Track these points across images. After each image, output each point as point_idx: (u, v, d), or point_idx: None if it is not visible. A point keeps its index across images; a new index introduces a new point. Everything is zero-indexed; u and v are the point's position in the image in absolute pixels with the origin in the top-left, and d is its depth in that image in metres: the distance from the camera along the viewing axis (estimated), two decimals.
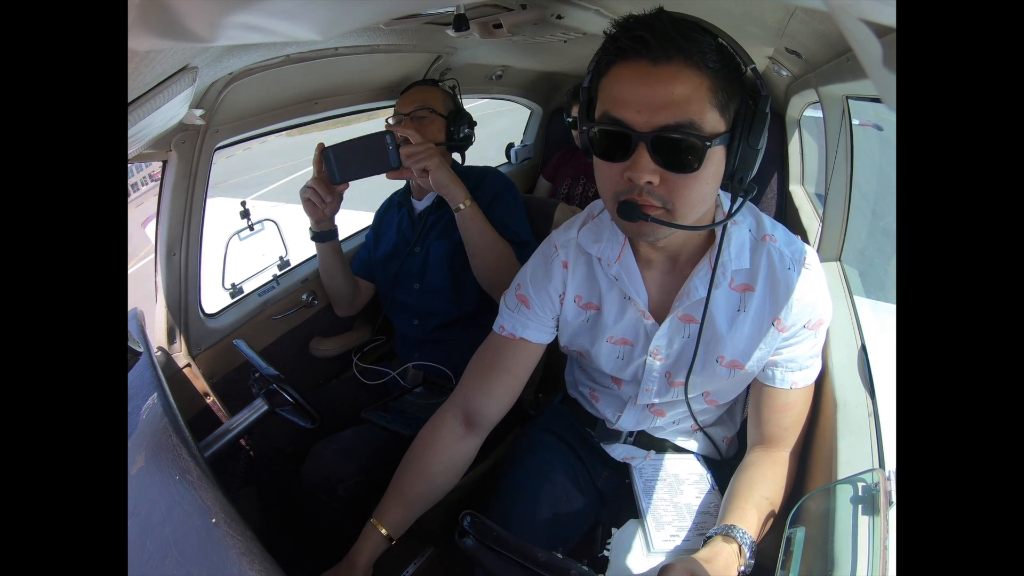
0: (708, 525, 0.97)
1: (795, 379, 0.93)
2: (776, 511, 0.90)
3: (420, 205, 1.64)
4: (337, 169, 1.34)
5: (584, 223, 1.00)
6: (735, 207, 0.80)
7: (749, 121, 0.75)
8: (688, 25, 0.72)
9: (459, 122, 1.59)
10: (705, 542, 0.84)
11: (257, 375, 1.24)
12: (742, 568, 0.81)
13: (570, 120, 2.30)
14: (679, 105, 0.71)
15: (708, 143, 0.72)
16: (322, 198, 1.38)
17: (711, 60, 0.71)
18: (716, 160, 0.76)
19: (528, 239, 1.47)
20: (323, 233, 1.49)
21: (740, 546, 0.81)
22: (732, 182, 0.79)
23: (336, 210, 1.45)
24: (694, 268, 0.90)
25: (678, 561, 0.75)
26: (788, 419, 0.95)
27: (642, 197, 0.76)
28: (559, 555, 0.71)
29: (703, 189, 0.77)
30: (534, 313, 1.02)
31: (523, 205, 1.57)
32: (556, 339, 1.08)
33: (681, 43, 0.70)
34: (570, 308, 1.01)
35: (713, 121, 0.74)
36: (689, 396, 0.99)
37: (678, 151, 0.73)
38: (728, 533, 0.82)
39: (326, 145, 1.35)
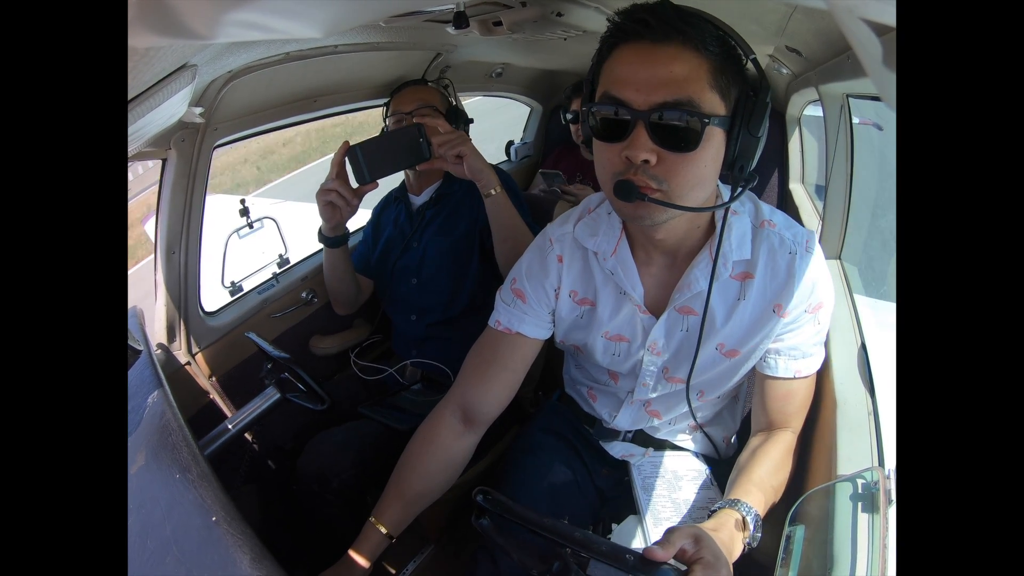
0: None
1: (798, 367, 0.92)
2: (781, 486, 0.90)
3: (417, 200, 1.64)
4: (367, 167, 1.28)
5: (580, 217, 1.00)
6: (735, 194, 0.79)
7: (750, 109, 0.75)
8: (690, 12, 0.73)
9: (457, 119, 1.58)
10: (710, 515, 0.84)
11: (270, 365, 1.25)
12: (747, 540, 0.81)
13: (569, 116, 2.29)
14: (678, 83, 0.71)
15: (706, 120, 0.72)
16: (348, 200, 1.31)
17: (712, 45, 0.72)
18: (715, 143, 0.75)
19: (537, 230, 1.46)
20: (337, 238, 1.44)
21: (744, 518, 0.81)
22: (732, 171, 0.78)
23: (355, 212, 1.39)
24: (693, 261, 0.90)
25: (683, 525, 0.74)
26: (792, 407, 0.95)
27: (639, 177, 0.75)
28: (575, 527, 0.71)
29: (701, 171, 0.76)
30: (530, 307, 1.01)
31: (525, 201, 1.56)
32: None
33: (682, 26, 0.71)
34: (565, 303, 1.01)
35: (713, 102, 0.73)
36: (689, 391, 0.99)
37: (676, 129, 0.73)
38: (732, 506, 0.82)
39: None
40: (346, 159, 1.26)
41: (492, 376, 1.03)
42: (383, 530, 0.95)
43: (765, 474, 0.89)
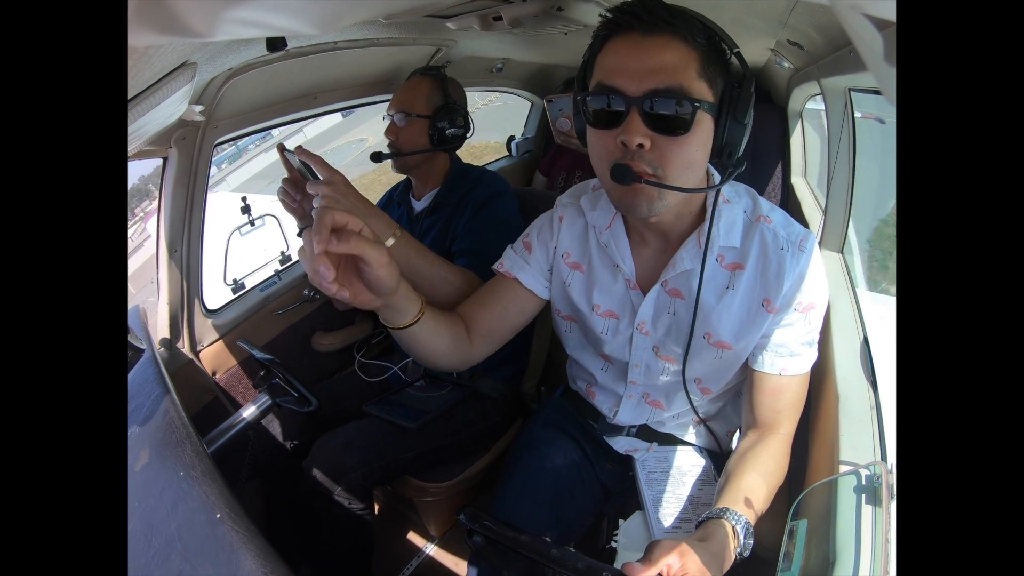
0: None
1: (784, 365, 0.92)
2: (771, 493, 0.90)
3: (418, 206, 1.60)
4: (301, 167, 1.25)
5: (586, 192, 1.06)
6: (725, 178, 0.82)
7: (736, 98, 0.79)
8: (677, 8, 0.77)
9: (448, 118, 1.48)
10: (698, 526, 0.84)
11: (263, 372, 1.25)
12: (739, 549, 0.80)
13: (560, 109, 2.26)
14: (668, 71, 0.75)
15: (697, 104, 0.75)
16: (292, 196, 1.28)
17: (699, 37, 0.76)
18: (705, 128, 0.78)
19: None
20: (307, 229, 1.45)
21: (733, 528, 0.81)
22: (720, 158, 0.81)
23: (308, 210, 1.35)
24: (683, 243, 0.92)
25: (667, 539, 0.75)
26: (780, 403, 0.95)
27: (635, 163, 0.78)
28: (553, 544, 0.72)
29: (692, 155, 0.79)
30: (533, 259, 1.06)
31: (517, 206, 1.52)
32: (554, 331, 1.08)
33: (670, 19, 0.76)
34: (560, 263, 1.06)
35: (701, 90, 0.77)
36: (686, 378, 0.99)
37: (668, 114, 0.76)
38: (721, 516, 0.82)
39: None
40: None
41: (490, 303, 1.07)
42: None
43: (756, 481, 0.88)
